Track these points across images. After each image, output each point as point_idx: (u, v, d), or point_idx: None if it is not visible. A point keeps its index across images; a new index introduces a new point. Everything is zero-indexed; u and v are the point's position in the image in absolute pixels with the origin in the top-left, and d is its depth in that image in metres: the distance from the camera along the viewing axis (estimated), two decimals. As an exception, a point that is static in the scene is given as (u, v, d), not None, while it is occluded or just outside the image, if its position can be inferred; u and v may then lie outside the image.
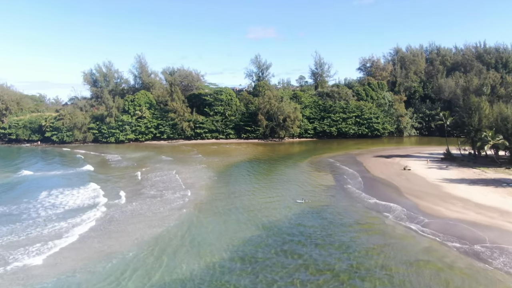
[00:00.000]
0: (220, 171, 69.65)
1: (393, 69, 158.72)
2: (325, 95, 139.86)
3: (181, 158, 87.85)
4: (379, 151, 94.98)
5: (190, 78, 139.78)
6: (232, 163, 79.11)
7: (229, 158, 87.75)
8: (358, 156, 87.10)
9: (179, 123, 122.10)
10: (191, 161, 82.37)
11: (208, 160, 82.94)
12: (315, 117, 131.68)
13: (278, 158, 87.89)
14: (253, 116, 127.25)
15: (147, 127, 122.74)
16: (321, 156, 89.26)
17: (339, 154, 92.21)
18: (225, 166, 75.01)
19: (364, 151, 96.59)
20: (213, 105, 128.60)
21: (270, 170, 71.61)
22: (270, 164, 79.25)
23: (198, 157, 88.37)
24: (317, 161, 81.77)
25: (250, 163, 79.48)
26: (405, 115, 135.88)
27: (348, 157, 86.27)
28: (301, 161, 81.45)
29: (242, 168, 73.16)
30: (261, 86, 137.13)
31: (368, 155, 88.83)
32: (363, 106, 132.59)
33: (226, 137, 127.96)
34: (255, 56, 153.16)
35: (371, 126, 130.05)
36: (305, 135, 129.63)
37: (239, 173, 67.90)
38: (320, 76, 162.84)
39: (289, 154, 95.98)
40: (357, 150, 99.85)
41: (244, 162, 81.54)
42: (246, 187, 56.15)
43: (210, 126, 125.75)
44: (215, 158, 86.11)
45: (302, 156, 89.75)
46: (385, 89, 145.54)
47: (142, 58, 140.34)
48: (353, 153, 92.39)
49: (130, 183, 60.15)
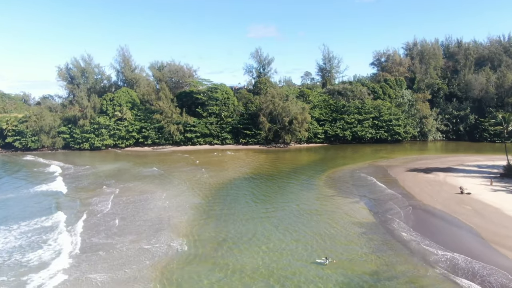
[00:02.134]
0: (210, 195, 51.10)
1: (411, 64, 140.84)
2: (336, 93, 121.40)
3: (163, 172, 69.33)
4: (411, 162, 76.64)
5: (180, 73, 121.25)
6: (226, 181, 60.58)
7: (223, 172, 69.23)
8: (388, 168, 68.71)
9: (166, 126, 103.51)
10: (175, 177, 63.86)
11: (197, 176, 64.45)
12: (326, 119, 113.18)
13: (285, 171, 69.43)
14: (253, 117, 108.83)
15: (128, 131, 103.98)
16: (340, 168, 70.87)
17: (362, 165, 73.85)
18: (216, 187, 56.43)
19: (392, 161, 78.29)
20: (206, 105, 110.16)
21: (276, 194, 52.92)
22: (276, 182, 60.66)
23: (185, 171, 69.89)
24: (337, 176, 63.34)
25: (249, 181, 60.92)
26: (430, 116, 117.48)
27: (375, 170, 67.94)
28: (316, 177, 63.01)
29: (239, 190, 54.60)
30: (262, 83, 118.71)
31: (400, 167, 70.49)
32: (381, 106, 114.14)
33: (222, 142, 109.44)
34: (256, 50, 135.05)
35: (391, 129, 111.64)
36: (314, 140, 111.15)
37: (234, 200, 49.33)
38: (329, 73, 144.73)
39: (299, 165, 77.50)
40: (381, 159, 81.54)
41: (242, 179, 62.99)
42: (243, 227, 37.63)
43: (203, 129, 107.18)
44: (206, 173, 67.59)
45: (316, 169, 71.34)
46: (403, 86, 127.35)
47: (125, 50, 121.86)
48: (380, 164, 74.05)
49: (86, 217, 41.60)
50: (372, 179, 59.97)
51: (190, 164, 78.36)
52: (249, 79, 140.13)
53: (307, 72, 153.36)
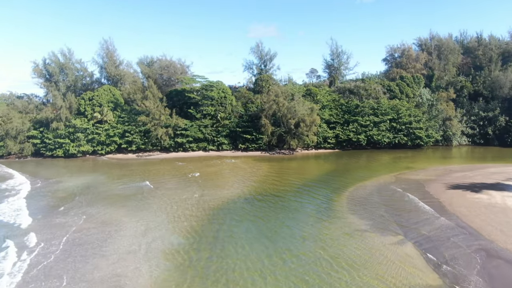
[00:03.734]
0: (198, 229, 37.13)
1: (428, 59, 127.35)
2: (347, 92, 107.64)
3: (141, 188, 55.45)
4: (446, 174, 62.88)
5: (171, 69, 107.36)
6: (222, 204, 46.65)
7: (218, 188, 55.29)
8: (424, 184, 54.93)
9: (153, 130, 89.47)
10: (156, 197, 49.92)
11: (184, 196, 50.60)
12: (337, 121, 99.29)
13: (295, 187, 55.57)
14: (254, 119, 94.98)
15: (109, 135, 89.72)
16: (362, 183, 56.98)
17: (388, 179, 60.01)
18: (208, 214, 42.46)
19: (422, 173, 64.49)
20: (200, 105, 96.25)
21: (288, 227, 38.85)
22: (285, 205, 46.72)
23: (169, 188, 55.91)
24: (362, 195, 49.48)
25: (251, 205, 46.92)
26: (454, 118, 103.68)
27: (407, 186, 54.06)
28: (336, 197, 49.12)
29: (238, 221, 40.62)
30: (264, 80, 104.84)
31: (436, 182, 56.70)
32: (400, 106, 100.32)
33: (218, 148, 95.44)
34: (256, 44, 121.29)
35: (412, 132, 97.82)
36: (323, 145, 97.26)
37: (230, 238, 35.33)
38: (337, 70, 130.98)
39: (310, 178, 63.53)
40: (407, 170, 67.74)
41: (242, 200, 49.01)
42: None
43: (196, 133, 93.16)
44: (196, 190, 53.72)
45: (332, 184, 57.43)
46: (421, 84, 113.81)
47: (109, 43, 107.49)
48: (410, 178, 60.20)
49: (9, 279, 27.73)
50: (410, 198, 46.25)
51: (178, 176, 64.47)
52: (249, 77, 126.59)
53: (312, 69, 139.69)
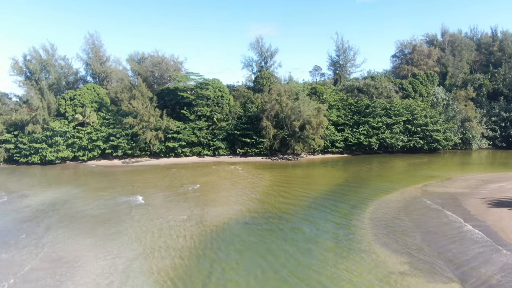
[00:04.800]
0: (174, 276, 27.73)
1: (441, 56, 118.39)
2: (355, 90, 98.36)
3: (117, 206, 46.16)
4: (480, 186, 53.65)
5: (163, 66, 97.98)
6: (213, 230, 37.12)
7: (212, 207, 45.92)
8: (460, 199, 45.65)
9: (142, 133, 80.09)
10: (134, 220, 40.64)
11: (169, 216, 41.30)
12: (346, 123, 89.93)
13: (304, 205, 46.24)
14: (254, 121, 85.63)
15: (92, 139, 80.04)
16: (383, 198, 47.67)
17: (413, 192, 50.71)
18: (193, 247, 32.97)
19: (449, 184, 55.21)
20: (194, 105, 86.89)
21: (298, 269, 29.57)
22: (292, 231, 37.37)
23: (154, 205, 46.60)
24: (390, 217, 40.02)
25: (250, 230, 37.44)
26: (474, 119, 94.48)
27: (440, 201, 44.81)
28: (356, 218, 39.71)
29: (231, 260, 31.04)
30: (264, 78, 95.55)
31: (472, 196, 47.51)
32: (415, 106, 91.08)
33: (214, 153, 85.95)
34: (256, 39, 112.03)
35: (428, 135, 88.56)
36: (331, 150, 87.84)
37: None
38: (343, 67, 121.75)
39: (321, 190, 53.97)
40: (431, 180, 58.43)
41: (241, 223, 39.57)
42: None
43: (189, 136, 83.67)
44: (184, 209, 44.44)
45: (348, 199, 47.98)
46: (435, 82, 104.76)
47: (95, 38, 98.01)
48: (438, 191, 50.84)
49: None
50: (450, 219, 36.98)
51: (173, 188, 55.07)
52: (248, 75, 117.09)
53: (316, 66, 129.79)
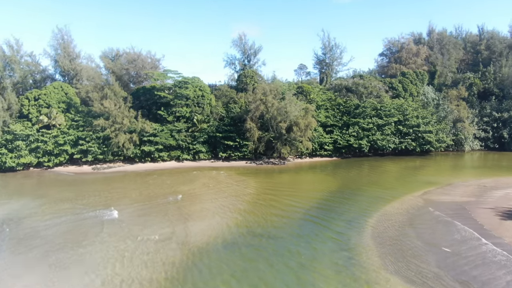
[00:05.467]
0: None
1: (429, 54, 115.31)
2: (344, 89, 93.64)
3: (83, 222, 39.56)
4: (484, 193, 49.26)
5: (139, 63, 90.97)
6: (190, 255, 31.18)
7: (190, 221, 39.73)
8: (468, 209, 40.87)
9: (114, 136, 73.11)
10: (87, 245, 34.20)
11: (142, 234, 35.02)
12: (335, 124, 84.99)
13: (294, 218, 40.63)
14: (237, 123, 79.72)
15: (58, 144, 72.40)
16: (382, 209, 42.50)
17: (414, 202, 45.82)
18: (162, 280, 27.08)
19: (451, 191, 50.63)
20: (172, 106, 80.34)
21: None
22: (284, 254, 31.67)
23: (127, 219, 40.09)
24: (395, 233, 34.66)
25: (234, 256, 31.50)
26: (466, 120, 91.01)
27: (447, 213, 39.93)
28: (357, 236, 34.27)
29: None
30: (248, 76, 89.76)
31: (480, 205, 42.92)
32: (406, 106, 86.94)
33: (194, 157, 79.52)
34: (239, 36, 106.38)
35: (420, 137, 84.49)
36: (319, 152, 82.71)
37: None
38: (329, 66, 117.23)
39: (312, 201, 48.48)
40: (430, 186, 53.74)
41: (221, 246, 33.56)
42: None
43: (167, 139, 77.07)
44: (159, 227, 38.19)
45: (344, 212, 42.51)
46: (425, 81, 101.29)
47: (65, 33, 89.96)
48: (442, 200, 46.01)
49: None
50: (463, 236, 31.97)
51: (144, 199, 48.53)
52: (231, 73, 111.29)
53: (301, 65, 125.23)
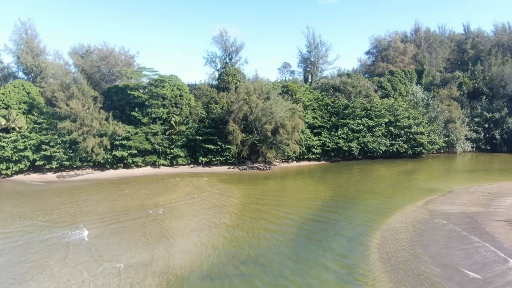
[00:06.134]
0: None
1: (416, 53, 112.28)
2: (331, 89, 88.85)
3: (42, 246, 32.87)
4: (491, 201, 44.90)
5: (111, 60, 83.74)
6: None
7: (172, 241, 33.49)
8: (479, 221, 36.15)
9: (82, 140, 65.99)
10: (56, 271, 27.65)
11: (116, 261, 28.61)
12: (323, 125, 79.91)
13: (284, 237, 35.02)
14: (219, 124, 73.65)
15: (18, 149, 64.47)
16: (384, 223, 37.36)
17: (418, 213, 40.96)
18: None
19: (456, 200, 46.07)
20: (148, 106, 73.66)
21: None
22: (283, 286, 26.08)
23: (97, 242, 33.53)
24: (406, 255, 29.30)
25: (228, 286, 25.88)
26: (457, 120, 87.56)
27: (457, 226, 35.09)
28: (361, 260, 28.91)
29: None
30: (230, 75, 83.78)
31: (490, 216, 38.48)
32: (397, 106, 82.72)
33: (172, 162, 72.98)
34: (220, 33, 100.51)
35: (412, 138, 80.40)
36: (307, 156, 77.49)
37: None
38: (314, 64, 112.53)
39: (302, 214, 42.92)
40: (434, 195, 49.09)
41: (210, 275, 27.68)
42: None
43: (141, 143, 70.31)
44: (136, 251, 31.86)
45: (342, 228, 37.07)
46: (414, 80, 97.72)
47: (28, 27, 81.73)
48: (447, 210, 41.29)
49: None
50: (486, 257, 26.98)
51: (118, 213, 41.85)
52: (212, 72, 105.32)
53: (285, 63, 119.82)
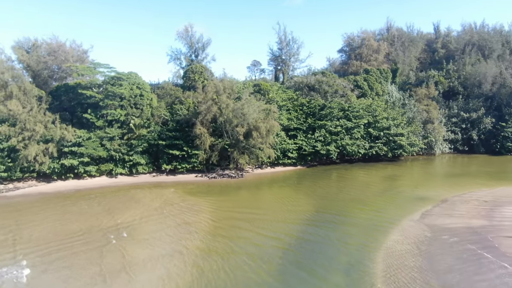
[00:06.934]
0: None
1: (389, 51, 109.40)
2: (306, 88, 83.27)
3: None
4: (491, 211, 40.36)
5: (60, 55, 73.89)
6: None
7: (133, 275, 25.95)
8: (490, 239, 31.07)
9: (23, 147, 56.34)
10: None
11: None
12: (299, 127, 73.88)
13: (270, 261, 28.29)
14: (184, 127, 65.77)
15: None
16: (386, 247, 31.65)
17: (417, 229, 35.52)
18: None
19: (454, 211, 41.09)
20: (103, 107, 64.74)
21: None
22: None
23: (40, 284, 25.37)
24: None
25: None
26: (435, 121, 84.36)
27: (466, 247, 29.88)
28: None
29: None
30: (196, 72, 76.19)
31: (498, 231, 33.46)
32: (376, 106, 78.24)
33: (131, 170, 64.25)
34: (185, 28, 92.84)
35: (391, 140, 76.11)
36: (282, 160, 71.16)
37: None
38: (284, 63, 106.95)
39: (287, 231, 36.43)
40: (429, 205, 44.07)
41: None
42: None
43: (95, 150, 61.28)
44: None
45: (334, 250, 30.93)
46: (389, 79, 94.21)
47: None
48: (449, 225, 35.95)
49: None
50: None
51: (69, 238, 33.46)
52: (176, 69, 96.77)
53: (255, 61, 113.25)
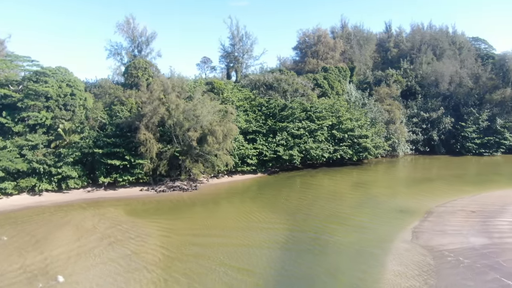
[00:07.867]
0: None
1: (345, 49, 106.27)
2: (263, 86, 76.28)
3: None
4: (483, 223, 35.89)
5: (-33, 46, 60.50)
6: None
7: None
8: (503, 263, 25.84)
9: None
10: None
11: None
12: (258, 130, 66.42)
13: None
14: (126, 132, 55.46)
15: None
16: (387, 283, 25.16)
17: (415, 253, 29.50)
18: None
19: (445, 226, 35.96)
20: (23, 109, 52.84)
21: None
22: None
23: None
24: None
25: None
26: (397, 121, 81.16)
27: (477, 274, 24.22)
28: None
29: None
30: (139, 68, 66.06)
31: (499, 249, 28.52)
32: (338, 106, 73.09)
33: (60, 185, 52.39)
34: (126, 20, 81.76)
35: (356, 143, 71.25)
36: (240, 168, 63.18)
37: None
38: (237, 60, 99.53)
39: (264, 266, 28.69)
40: (414, 220, 38.70)
41: None
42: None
43: (13, 161, 49.21)
44: None
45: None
46: (347, 78, 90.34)
47: None
48: (446, 245, 30.31)
49: None
50: None
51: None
52: (117, 66, 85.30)
53: (205, 58, 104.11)
